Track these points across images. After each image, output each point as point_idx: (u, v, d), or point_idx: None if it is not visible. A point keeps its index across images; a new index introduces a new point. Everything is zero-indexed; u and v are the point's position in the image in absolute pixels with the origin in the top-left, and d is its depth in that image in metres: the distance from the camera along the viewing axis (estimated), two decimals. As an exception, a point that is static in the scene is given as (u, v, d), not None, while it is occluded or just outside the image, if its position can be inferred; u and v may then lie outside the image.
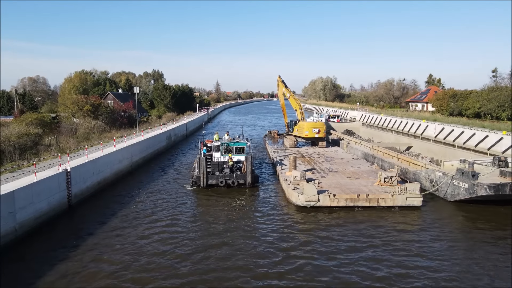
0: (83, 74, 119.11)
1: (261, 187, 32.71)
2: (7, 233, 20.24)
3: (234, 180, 31.54)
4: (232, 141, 33.51)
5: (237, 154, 32.43)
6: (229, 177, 31.62)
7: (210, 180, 31.54)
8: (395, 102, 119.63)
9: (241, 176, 31.77)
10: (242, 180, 31.74)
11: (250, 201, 28.70)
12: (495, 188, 24.46)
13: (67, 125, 52.00)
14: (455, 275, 17.08)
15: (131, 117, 65.64)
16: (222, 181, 31.40)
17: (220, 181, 31.39)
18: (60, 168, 26.47)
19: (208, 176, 31.49)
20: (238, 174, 31.79)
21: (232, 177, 31.60)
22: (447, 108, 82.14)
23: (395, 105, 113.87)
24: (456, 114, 76.39)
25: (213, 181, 31.51)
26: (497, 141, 42.97)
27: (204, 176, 31.26)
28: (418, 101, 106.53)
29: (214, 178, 31.57)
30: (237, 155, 32.42)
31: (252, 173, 32.16)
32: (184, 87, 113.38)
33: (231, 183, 31.54)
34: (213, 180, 31.52)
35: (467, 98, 79.38)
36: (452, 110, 79.89)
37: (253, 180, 32.28)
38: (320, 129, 51.29)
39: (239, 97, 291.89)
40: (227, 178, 31.57)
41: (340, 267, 17.82)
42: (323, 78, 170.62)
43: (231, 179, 31.56)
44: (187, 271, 17.38)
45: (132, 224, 23.59)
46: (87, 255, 19.15)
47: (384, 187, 29.01)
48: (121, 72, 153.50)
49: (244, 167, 32.00)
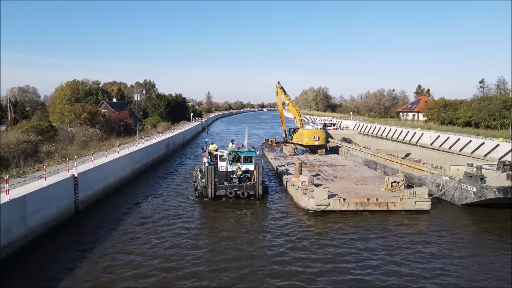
0: (75, 84, 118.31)
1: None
2: (19, 238, 19.73)
3: (244, 191, 29.49)
4: (240, 149, 31.56)
5: (246, 164, 30.52)
6: (238, 188, 29.57)
7: (218, 191, 29.39)
8: (386, 112, 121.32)
9: (251, 186, 29.79)
10: (252, 191, 29.77)
11: (259, 208, 28.13)
12: (504, 191, 24.87)
13: (65, 133, 51.28)
14: (472, 277, 17.21)
15: (127, 125, 65.13)
16: (231, 192, 29.29)
17: (229, 192, 29.27)
18: (68, 173, 26.03)
19: (216, 186, 29.47)
20: (247, 184, 29.82)
21: (242, 188, 29.52)
22: (438, 118, 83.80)
23: (386, 115, 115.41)
24: (448, 123, 77.83)
25: (222, 192, 29.41)
26: (493, 148, 43.85)
27: (212, 187, 29.24)
28: (409, 111, 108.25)
29: (223, 189, 29.42)
30: (246, 164, 30.51)
31: (262, 184, 30.29)
32: (177, 96, 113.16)
33: (240, 194, 29.50)
34: (221, 191, 29.40)
35: (457, 108, 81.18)
36: (443, 119, 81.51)
37: (263, 191, 30.46)
38: (319, 137, 51.64)
39: (230, 107, 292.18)
40: (236, 189, 29.50)
41: (362, 270, 17.82)
42: (314, 89, 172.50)
43: (240, 190, 29.49)
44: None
45: (140, 235, 22.28)
46: (99, 264, 18.24)
47: (392, 191, 29.25)
48: (112, 82, 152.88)
49: (254, 177, 30.05)
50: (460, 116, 77.57)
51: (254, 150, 31.85)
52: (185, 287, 16.16)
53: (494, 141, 44.90)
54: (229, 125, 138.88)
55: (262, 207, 28.49)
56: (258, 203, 29.26)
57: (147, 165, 43.84)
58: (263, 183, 30.73)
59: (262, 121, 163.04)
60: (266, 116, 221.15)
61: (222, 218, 25.73)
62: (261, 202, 29.50)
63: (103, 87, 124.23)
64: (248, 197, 29.64)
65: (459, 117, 77.64)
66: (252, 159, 30.76)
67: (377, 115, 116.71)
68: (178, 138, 65.58)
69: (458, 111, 79.19)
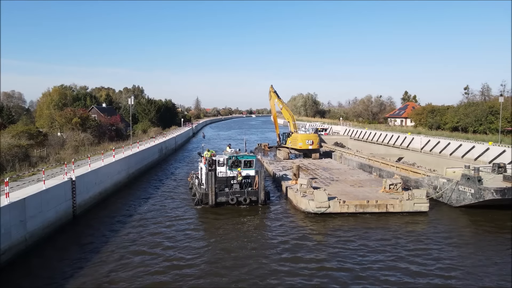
0: (62, 89, 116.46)
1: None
2: (19, 243, 19.26)
3: (246, 197, 28.40)
4: (239, 154, 30.51)
5: (246, 169, 29.57)
6: (240, 194, 28.51)
7: (219, 198, 28.27)
8: (374, 118, 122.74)
9: (253, 192, 28.77)
10: (254, 197, 28.69)
11: (259, 212, 27.86)
12: (502, 192, 25.37)
13: (55, 137, 50.40)
14: (473, 277, 17.47)
15: (118, 130, 64.40)
16: (232, 198, 28.20)
17: (230, 198, 28.18)
18: (65, 176, 25.56)
19: (217, 193, 28.36)
20: (249, 190, 28.79)
21: (244, 194, 28.48)
22: (426, 123, 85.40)
23: (374, 121, 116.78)
24: (435, 128, 79.27)
25: (223, 198, 28.29)
26: (484, 151, 44.82)
27: (213, 193, 28.16)
28: (397, 117, 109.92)
29: (224, 195, 28.33)
30: (246, 169, 29.56)
31: (264, 189, 29.23)
32: (167, 102, 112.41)
33: (242, 200, 28.40)
34: (222, 198, 28.30)
35: (444, 113, 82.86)
36: (431, 125, 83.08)
37: (266, 197, 29.41)
38: (313, 141, 51.88)
39: (218, 113, 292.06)
40: (238, 195, 28.42)
41: (365, 272, 17.91)
42: (303, 95, 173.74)
43: (242, 196, 28.39)
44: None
45: (139, 241, 21.57)
46: (99, 271, 17.59)
47: (390, 193, 29.54)
48: (100, 87, 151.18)
49: (256, 183, 29.03)
50: (448, 121, 79.21)
51: (254, 155, 31.33)
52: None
53: (484, 145, 45.86)
54: (219, 130, 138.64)
55: (261, 211, 28.10)
56: (260, 209, 28.43)
57: (141, 169, 43.38)
58: (265, 188, 29.68)
59: (252, 126, 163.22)
60: (254, 122, 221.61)
61: (222, 222, 25.37)
62: (263, 207, 28.68)
63: (91, 93, 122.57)
64: (250, 203, 28.66)
65: (447, 122, 79.26)
66: (252, 163, 30.02)
67: (365, 120, 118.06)
68: (171, 143, 65.15)
69: (446, 117, 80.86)
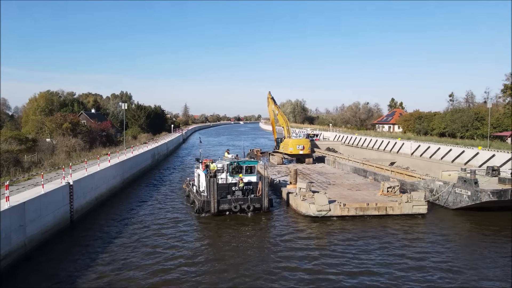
0: (49, 95, 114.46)
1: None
2: (18, 248, 18.74)
3: (249, 204, 27.21)
4: (240, 159, 29.66)
5: (247, 175, 28.58)
6: (243, 201, 27.32)
7: (222, 205, 27.04)
8: (362, 124, 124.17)
9: (257, 199, 27.60)
10: (258, 204, 27.56)
11: (261, 217, 27.11)
12: (498, 194, 25.89)
13: (45, 143, 49.45)
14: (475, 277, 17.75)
15: (109, 136, 63.58)
16: (236, 206, 26.98)
17: (233, 206, 26.96)
18: (63, 180, 25.05)
19: (219, 200, 27.12)
20: (253, 197, 27.65)
21: (247, 201, 27.27)
22: (413, 129, 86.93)
23: (362, 127, 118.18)
24: (423, 134, 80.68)
25: (225, 206, 27.07)
26: (473, 156, 45.72)
27: (215, 200, 26.96)
28: (385, 123, 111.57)
29: (226, 202, 27.12)
30: (247, 175, 28.56)
31: (268, 196, 28.05)
32: (157, 108, 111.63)
33: (246, 208, 27.22)
34: (225, 205, 27.08)
35: (432, 119, 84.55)
36: (419, 130, 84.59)
37: (269, 203, 28.27)
38: (304, 146, 52.10)
39: (206, 120, 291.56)
40: (241, 202, 27.23)
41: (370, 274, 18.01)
42: (292, 102, 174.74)
43: (245, 204, 27.21)
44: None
45: (140, 249, 20.76)
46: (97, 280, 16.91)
47: (388, 196, 29.84)
48: (87, 93, 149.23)
49: (260, 189, 27.93)
50: (435, 127, 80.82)
51: (256, 160, 30.48)
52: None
53: (474, 149, 46.80)
54: (208, 136, 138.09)
55: (266, 217, 27.19)
56: (264, 217, 27.19)
57: (135, 174, 42.88)
58: (269, 195, 28.58)
59: (241, 133, 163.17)
60: (243, 128, 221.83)
61: (224, 231, 24.53)
62: (266, 215, 27.58)
63: (78, 98, 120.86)
64: (253, 211, 27.60)
65: (434, 128, 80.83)
66: (254, 169, 29.11)
67: (353, 127, 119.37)
68: (163, 149, 64.65)
69: (433, 123, 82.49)
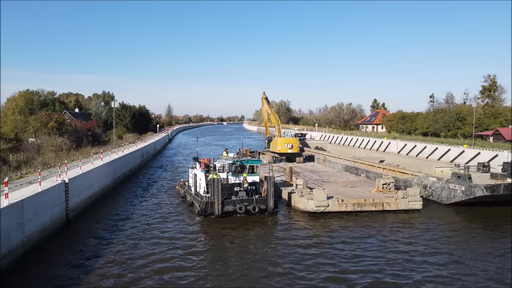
0: (29, 94, 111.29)
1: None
2: (17, 247, 18.16)
3: (254, 205, 25.98)
4: (243, 158, 28.54)
5: (250, 175, 27.48)
6: (247, 202, 26.10)
7: (226, 207, 25.78)
8: (345, 125, 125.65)
9: (262, 200, 26.45)
10: (263, 205, 26.38)
11: (261, 216, 26.33)
12: (491, 189, 26.65)
13: (30, 143, 48.06)
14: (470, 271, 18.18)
15: (95, 135, 62.30)
16: (241, 207, 25.66)
17: (239, 207, 25.66)
18: (59, 178, 24.38)
19: (224, 202, 25.85)
20: (258, 198, 26.50)
21: (252, 202, 26.05)
22: (397, 129, 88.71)
23: (345, 128, 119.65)
24: (406, 134, 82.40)
25: (230, 207, 25.79)
26: (459, 154, 46.97)
27: (220, 202, 25.69)
28: (368, 123, 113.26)
29: (231, 204, 25.86)
30: (250, 175, 27.45)
31: (273, 197, 26.79)
32: (141, 108, 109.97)
33: (251, 209, 25.96)
34: (229, 207, 25.80)
35: (415, 120, 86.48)
36: (402, 130, 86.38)
37: (274, 204, 26.97)
38: (293, 145, 52.27)
39: (189, 121, 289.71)
40: (246, 203, 25.97)
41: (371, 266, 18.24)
42: (276, 102, 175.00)
43: (250, 205, 25.97)
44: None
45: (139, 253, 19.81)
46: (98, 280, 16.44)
47: (383, 193, 30.29)
48: (68, 93, 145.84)
49: (265, 190, 26.84)
50: (418, 127, 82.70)
51: (259, 159, 29.90)
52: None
53: (460, 148, 48.08)
54: (192, 137, 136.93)
55: (272, 219, 26.10)
56: (270, 219, 25.97)
57: (126, 174, 42.16)
58: (274, 196, 27.18)
59: (226, 133, 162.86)
60: (227, 129, 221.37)
61: (228, 231, 24.07)
62: (272, 216, 26.39)
63: (59, 98, 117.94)
64: (259, 212, 26.29)
65: (417, 128, 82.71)
66: (256, 169, 28.07)
67: (337, 127, 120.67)
68: (151, 149, 63.83)
69: (416, 123, 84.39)
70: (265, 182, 27.00)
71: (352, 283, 16.16)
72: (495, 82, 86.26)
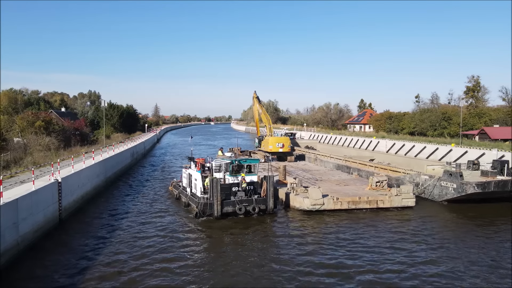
0: (12, 93, 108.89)
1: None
2: (12, 247, 17.76)
3: (254, 206, 25.42)
4: (240, 158, 28.23)
5: (248, 174, 27.04)
6: (247, 202, 25.51)
7: (225, 208, 25.09)
8: (333, 125, 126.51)
9: (261, 200, 25.90)
10: (263, 205, 25.85)
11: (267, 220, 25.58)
12: (482, 186, 27.21)
13: (16, 142, 47.00)
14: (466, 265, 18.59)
15: (83, 135, 61.34)
16: (241, 208, 25.06)
17: (238, 208, 25.04)
18: (52, 178, 23.92)
19: (223, 203, 25.16)
20: (257, 198, 25.93)
21: (252, 203, 25.46)
22: (384, 128, 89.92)
23: (333, 128, 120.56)
24: (394, 133, 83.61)
25: (229, 208, 25.13)
26: (447, 153, 47.85)
27: (219, 203, 25.07)
28: (356, 123, 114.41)
29: (230, 204, 25.20)
30: (249, 175, 27.01)
31: (273, 197, 26.38)
32: (129, 107, 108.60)
33: (251, 210, 25.39)
34: (229, 208, 25.12)
35: (401, 119, 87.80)
36: (389, 130, 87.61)
37: (274, 204, 26.54)
38: (284, 144, 52.42)
39: (177, 120, 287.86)
40: (245, 204, 25.36)
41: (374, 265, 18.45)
42: (265, 102, 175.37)
43: (250, 205, 25.40)
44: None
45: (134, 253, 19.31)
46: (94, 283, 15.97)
47: (376, 190, 30.62)
48: (53, 92, 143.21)
49: (264, 190, 26.27)
50: (405, 126, 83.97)
51: (257, 159, 29.89)
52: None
53: (447, 146, 48.99)
54: (181, 137, 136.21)
55: (271, 219, 25.72)
56: (269, 219, 25.44)
57: (117, 173, 41.69)
58: (274, 195, 26.73)
59: (214, 133, 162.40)
60: (215, 129, 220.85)
61: (221, 225, 24.52)
62: (271, 217, 25.90)
63: (44, 97, 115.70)
64: (259, 213, 25.79)
65: (404, 128, 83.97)
66: (254, 168, 27.56)
67: (325, 127, 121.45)
68: (140, 148, 63.25)
69: (403, 122, 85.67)
70: (264, 182, 26.41)
71: (349, 280, 16.26)
72: (478, 83, 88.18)
